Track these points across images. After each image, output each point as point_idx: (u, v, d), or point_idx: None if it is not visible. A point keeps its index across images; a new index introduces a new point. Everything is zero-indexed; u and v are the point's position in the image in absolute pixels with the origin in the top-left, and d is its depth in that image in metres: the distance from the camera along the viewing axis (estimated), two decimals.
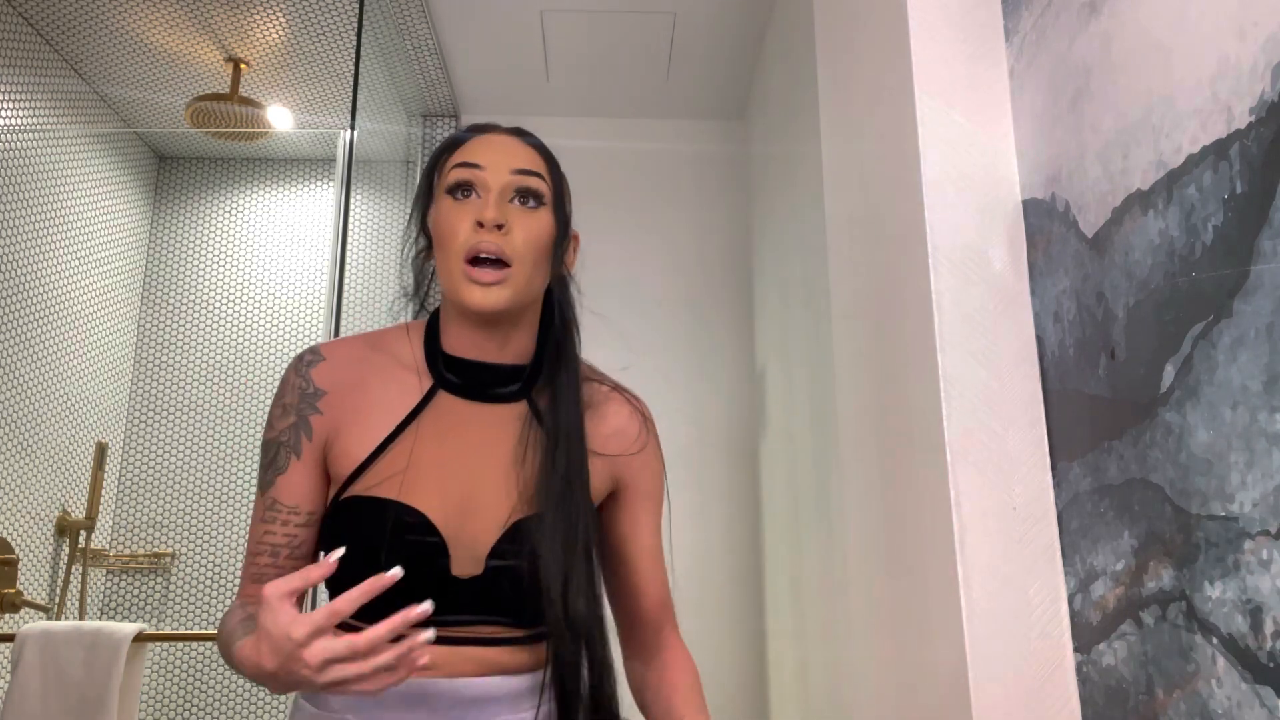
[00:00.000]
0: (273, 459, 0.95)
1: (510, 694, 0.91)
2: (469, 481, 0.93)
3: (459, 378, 0.97)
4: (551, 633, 0.90)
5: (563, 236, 0.99)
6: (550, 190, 0.97)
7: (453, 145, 0.99)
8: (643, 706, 1.02)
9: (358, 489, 0.91)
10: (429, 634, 0.73)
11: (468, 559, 0.90)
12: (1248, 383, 0.62)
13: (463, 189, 0.95)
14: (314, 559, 0.96)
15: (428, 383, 0.97)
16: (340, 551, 0.76)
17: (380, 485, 0.91)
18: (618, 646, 1.02)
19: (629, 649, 1.05)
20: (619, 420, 1.02)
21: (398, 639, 0.73)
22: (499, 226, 0.92)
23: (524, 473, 0.94)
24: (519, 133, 1.01)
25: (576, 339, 1.09)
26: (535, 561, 0.90)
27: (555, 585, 0.89)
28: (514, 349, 0.98)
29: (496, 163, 0.95)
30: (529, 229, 0.94)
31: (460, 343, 0.97)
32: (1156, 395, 0.74)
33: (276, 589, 0.73)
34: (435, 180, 0.99)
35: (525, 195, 0.95)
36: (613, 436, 1.01)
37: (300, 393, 0.95)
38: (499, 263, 0.91)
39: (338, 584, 0.90)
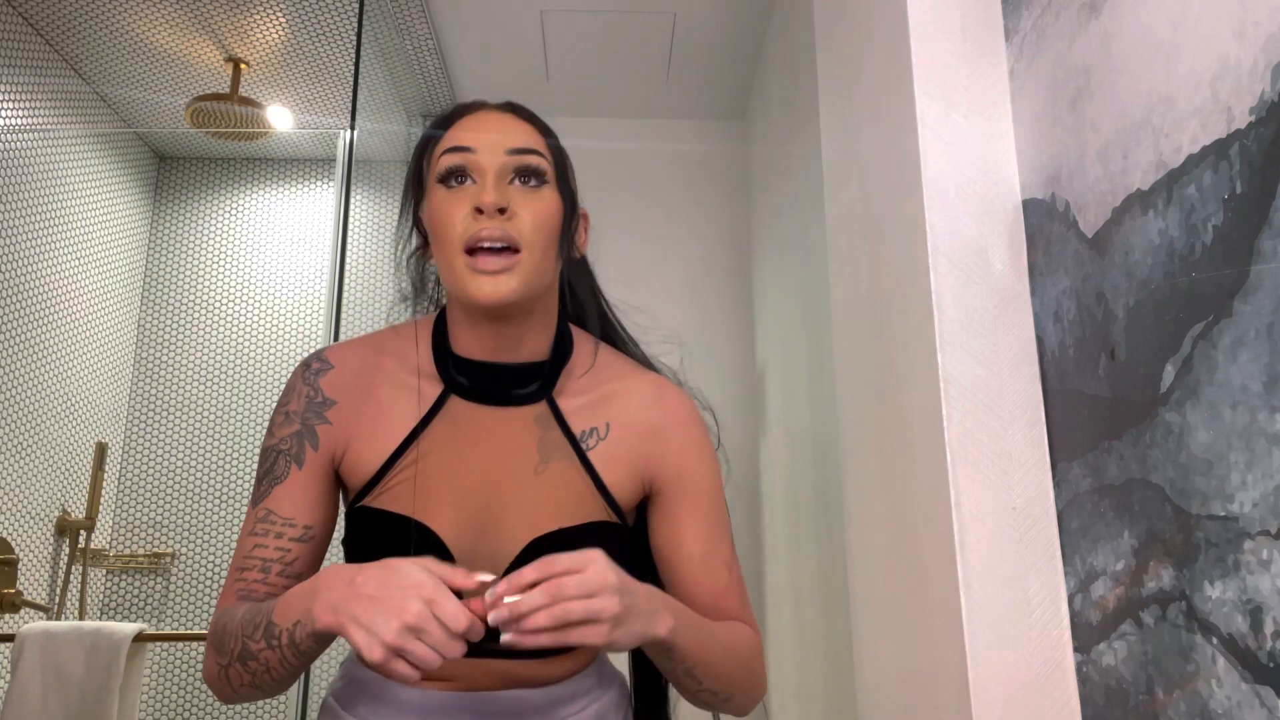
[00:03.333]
0: (270, 467, 0.88)
1: (535, 707, 0.87)
2: (485, 494, 0.87)
3: (470, 380, 0.90)
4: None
5: (571, 215, 0.91)
6: (552, 167, 0.89)
7: (440, 128, 0.91)
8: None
9: (370, 500, 0.87)
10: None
11: None
12: (1248, 383, 0.62)
13: (455, 176, 0.86)
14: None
15: (438, 388, 0.90)
16: (488, 576, 0.70)
17: (390, 497, 0.87)
18: None
19: None
20: (648, 413, 0.93)
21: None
22: (501, 211, 0.83)
23: (544, 482, 0.88)
24: (511, 107, 0.92)
25: (607, 320, 1.00)
26: None
27: None
28: (530, 346, 0.90)
29: (490, 143, 0.86)
30: (535, 210, 0.85)
31: (471, 344, 0.89)
32: (1156, 395, 0.74)
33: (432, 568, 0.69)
34: (425, 170, 0.90)
35: (526, 175, 0.87)
36: (642, 431, 0.92)
37: (307, 401, 0.89)
38: (505, 250, 0.83)
39: None
